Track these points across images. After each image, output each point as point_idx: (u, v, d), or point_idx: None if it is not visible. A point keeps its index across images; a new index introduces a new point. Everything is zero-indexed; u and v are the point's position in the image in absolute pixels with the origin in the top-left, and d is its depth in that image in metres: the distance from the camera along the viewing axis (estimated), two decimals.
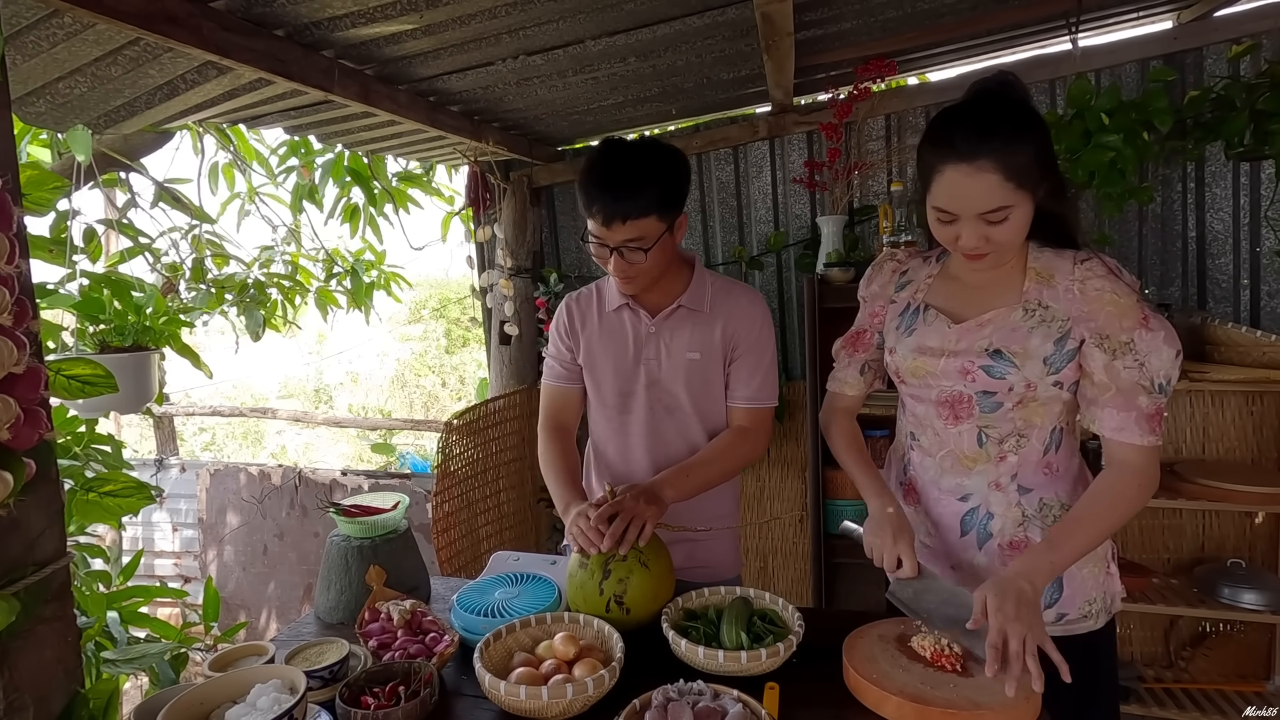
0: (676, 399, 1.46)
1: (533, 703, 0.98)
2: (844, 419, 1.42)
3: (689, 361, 1.44)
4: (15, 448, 0.83)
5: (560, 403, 1.55)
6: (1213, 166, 2.29)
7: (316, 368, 10.80)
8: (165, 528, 4.13)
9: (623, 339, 1.48)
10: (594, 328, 1.50)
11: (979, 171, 1.04)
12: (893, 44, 2.26)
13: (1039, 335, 1.13)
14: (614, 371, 1.48)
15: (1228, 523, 2.33)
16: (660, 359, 1.46)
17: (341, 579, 1.40)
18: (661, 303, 1.45)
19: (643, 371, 1.46)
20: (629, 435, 1.50)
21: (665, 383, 1.46)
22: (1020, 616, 0.99)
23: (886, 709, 1.00)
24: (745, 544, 2.99)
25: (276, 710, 0.88)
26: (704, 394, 1.47)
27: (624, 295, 1.45)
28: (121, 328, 1.85)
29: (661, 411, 1.47)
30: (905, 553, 1.16)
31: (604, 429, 1.54)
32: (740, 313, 1.45)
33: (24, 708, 0.90)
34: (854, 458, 1.35)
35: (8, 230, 0.79)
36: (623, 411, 1.49)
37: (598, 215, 1.29)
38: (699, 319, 1.45)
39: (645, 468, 1.48)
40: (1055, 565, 1.07)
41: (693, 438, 1.48)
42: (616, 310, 1.48)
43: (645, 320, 1.46)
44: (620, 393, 1.49)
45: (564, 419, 1.55)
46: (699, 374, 1.45)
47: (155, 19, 1.32)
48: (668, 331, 1.45)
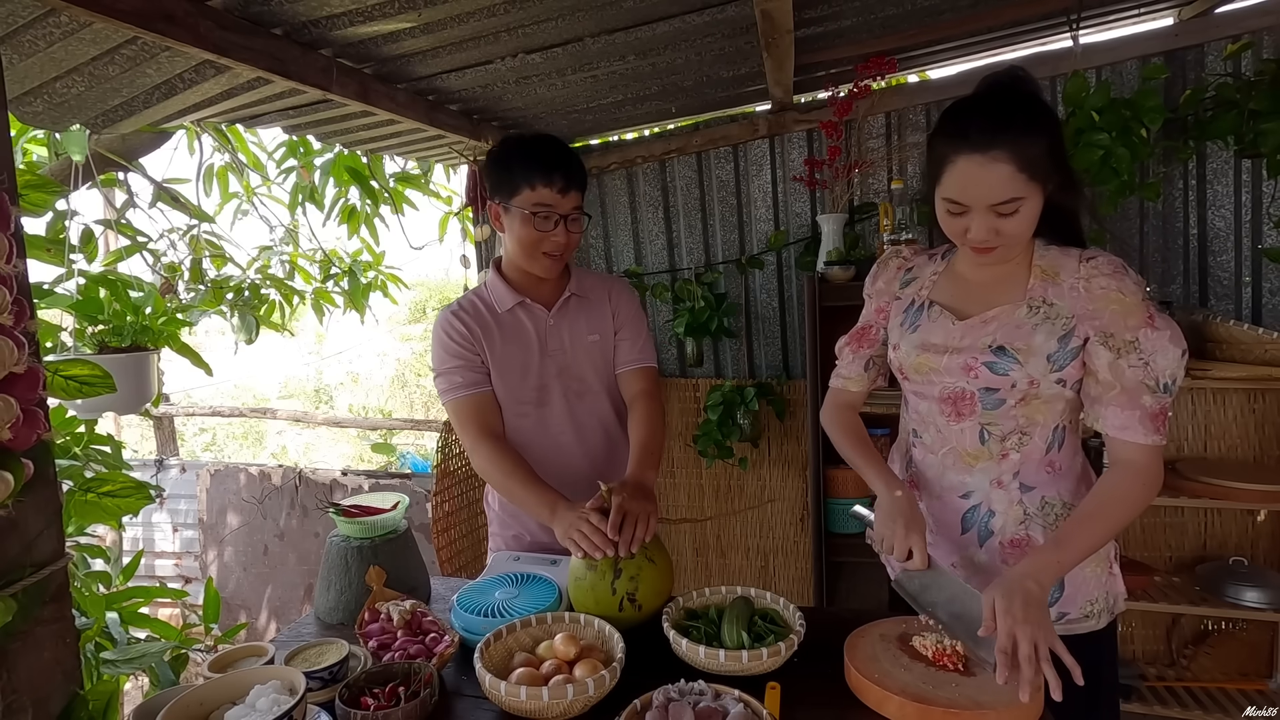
0: (586, 382, 1.57)
1: (533, 703, 0.98)
2: (846, 413, 1.42)
3: (590, 344, 1.57)
4: (14, 448, 0.83)
5: (482, 408, 1.50)
6: (1214, 164, 2.29)
7: (317, 368, 10.81)
8: (165, 528, 4.13)
9: (525, 336, 1.54)
10: (494, 330, 1.52)
11: (992, 162, 1.03)
12: (893, 41, 2.25)
13: (1043, 332, 1.12)
14: (523, 368, 1.53)
15: (1230, 521, 2.33)
16: (565, 347, 1.55)
17: (341, 579, 1.40)
18: (551, 296, 1.57)
19: (552, 363, 1.55)
20: (549, 425, 1.55)
21: (574, 368, 1.56)
22: (1029, 618, 0.97)
23: (888, 709, 1.00)
24: (746, 543, 2.99)
25: (276, 711, 0.88)
26: (607, 373, 1.61)
27: (517, 295, 1.53)
28: (120, 328, 1.85)
29: (574, 397, 1.57)
30: (917, 544, 1.15)
31: (523, 427, 1.55)
32: (617, 294, 1.62)
33: (22, 709, 0.90)
34: (858, 449, 1.34)
35: (5, 230, 0.79)
36: (540, 405, 1.55)
37: (558, 181, 1.40)
38: (588, 304, 1.59)
39: (575, 452, 1.57)
40: (1062, 564, 1.06)
41: (604, 415, 1.61)
42: (510, 311, 1.54)
43: (541, 314, 1.55)
44: (535, 387, 1.54)
45: (492, 424, 1.51)
46: (600, 354, 1.59)
47: (152, 17, 1.31)
48: (566, 320, 1.56)
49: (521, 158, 1.43)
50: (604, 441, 1.61)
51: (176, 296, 2.71)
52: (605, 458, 1.60)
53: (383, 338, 11.04)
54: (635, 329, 1.61)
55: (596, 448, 1.60)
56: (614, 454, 1.62)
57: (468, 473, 2.69)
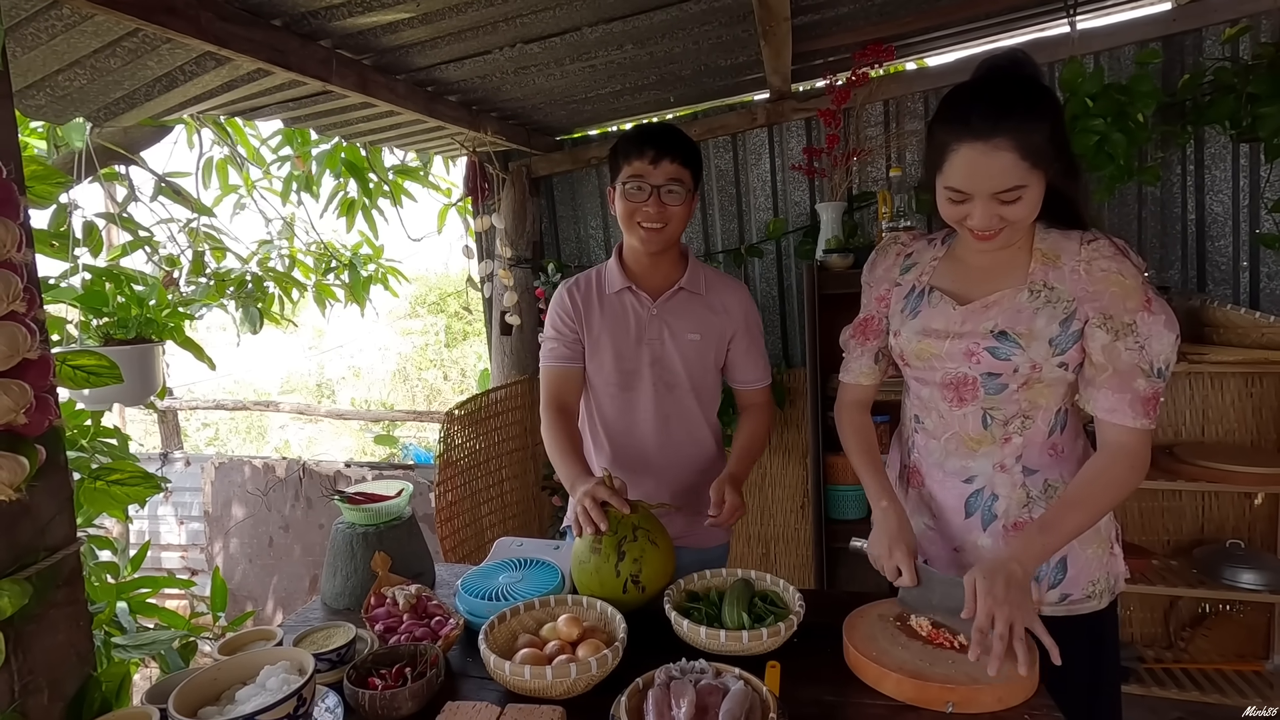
0: (677, 376, 1.57)
1: (537, 682, 1.00)
2: (857, 413, 1.40)
3: (690, 342, 1.57)
4: (27, 434, 0.85)
5: (562, 383, 1.59)
6: (1212, 148, 2.29)
7: (318, 362, 10.83)
8: (171, 521, 4.15)
9: (625, 321, 1.57)
10: (596, 310, 1.58)
11: (995, 150, 1.02)
12: (890, 29, 2.25)
13: (1044, 316, 1.12)
14: (617, 352, 1.56)
15: (1227, 504, 2.34)
16: (663, 339, 1.56)
17: (347, 565, 1.42)
18: (661, 286, 1.57)
19: (646, 351, 1.56)
20: (634, 410, 1.58)
21: (667, 361, 1.57)
22: (1009, 598, 0.99)
23: (886, 685, 1.02)
24: (748, 530, 3.01)
25: (285, 691, 0.89)
26: (701, 373, 1.59)
27: (626, 280, 1.56)
28: (125, 320, 1.86)
29: (663, 388, 1.57)
30: (903, 562, 1.16)
31: (609, 406, 1.60)
32: (737, 302, 1.61)
33: (38, 690, 0.92)
34: (861, 457, 1.34)
35: (15, 219, 0.80)
36: (626, 389, 1.58)
37: (649, 153, 1.44)
38: (697, 302, 1.58)
39: (650, 440, 1.59)
40: (1048, 547, 1.08)
41: (689, 412, 1.60)
42: (618, 293, 1.57)
43: (647, 303, 1.56)
44: (624, 371, 1.57)
45: (566, 399, 1.59)
46: (697, 354, 1.58)
47: (153, 9, 1.32)
48: (669, 314, 1.57)
49: (625, 139, 1.49)
50: (684, 437, 1.61)
51: (178, 290, 2.73)
52: (679, 453, 1.61)
53: (383, 332, 11.06)
54: (752, 340, 1.63)
55: (673, 442, 1.60)
56: (689, 451, 1.62)
57: (470, 464, 2.70)
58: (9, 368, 0.81)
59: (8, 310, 0.80)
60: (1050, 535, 1.08)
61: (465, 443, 2.68)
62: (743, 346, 1.61)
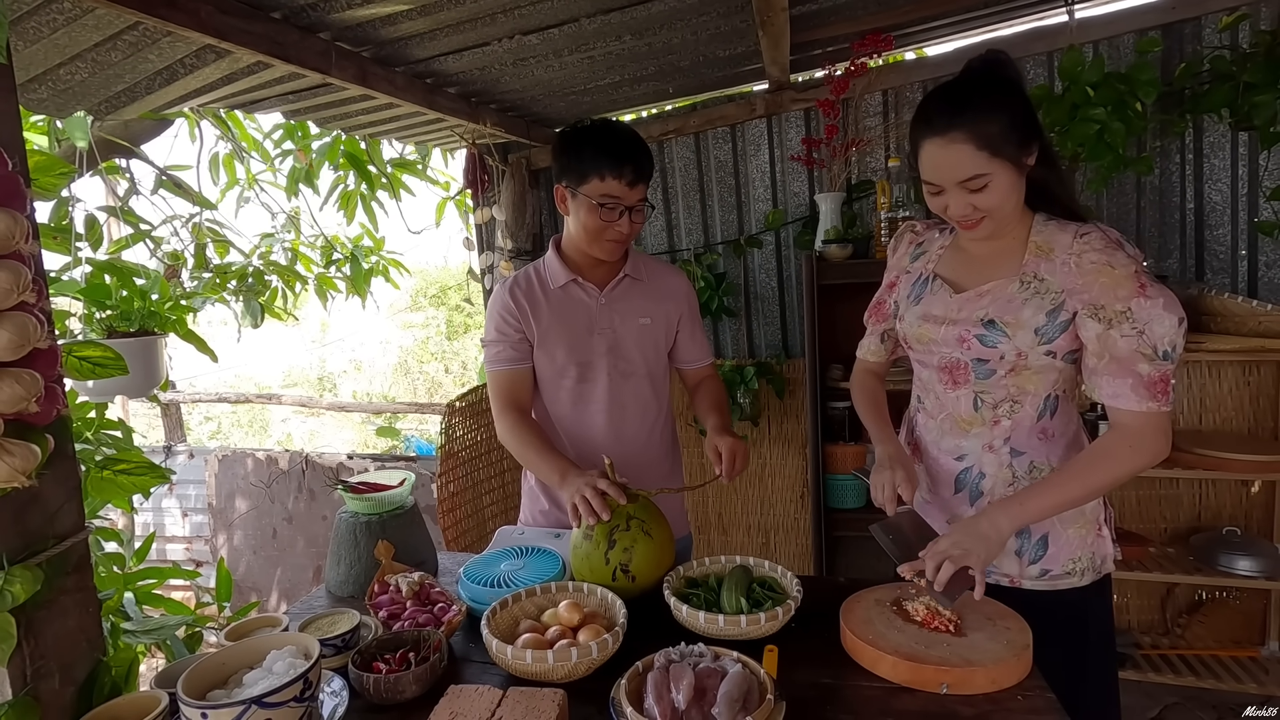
0: (633, 364, 1.59)
1: (539, 666, 1.02)
2: (869, 379, 1.50)
3: (642, 327, 1.59)
4: (37, 423, 0.86)
5: (514, 385, 1.57)
6: (1210, 137, 2.29)
7: (320, 356, 10.85)
8: (175, 513, 4.18)
9: (575, 313, 1.57)
10: (543, 306, 1.56)
11: (951, 143, 1.10)
12: (889, 18, 2.25)
13: (1031, 307, 1.16)
14: (570, 344, 1.56)
15: (1224, 491, 2.36)
16: (614, 327, 1.57)
17: (351, 554, 1.44)
18: (606, 276, 1.59)
19: (601, 340, 1.57)
20: (590, 402, 1.58)
21: (623, 349, 1.58)
22: (964, 543, 1.08)
23: (882, 668, 1.03)
24: (748, 520, 3.03)
25: (292, 674, 0.91)
26: (655, 357, 1.63)
27: (570, 273, 1.56)
28: (128, 313, 1.87)
29: (619, 377, 1.58)
30: (903, 483, 1.24)
31: (564, 399, 1.59)
32: (677, 286, 1.66)
33: (49, 674, 0.94)
34: (868, 408, 1.45)
35: (22, 211, 0.81)
36: (582, 380, 1.58)
37: (627, 174, 1.43)
38: (642, 288, 1.61)
39: (604, 431, 1.58)
40: (1025, 509, 1.13)
41: (645, 399, 1.62)
42: (563, 287, 1.57)
43: (594, 293, 1.57)
44: (579, 363, 1.57)
45: (521, 399, 1.58)
46: (650, 339, 1.61)
47: (154, 3, 1.33)
48: (618, 301, 1.58)
49: (594, 147, 1.44)
50: (639, 424, 1.62)
51: (180, 283, 2.74)
52: (635, 440, 1.61)
53: (385, 325, 11.07)
54: (695, 322, 1.69)
55: (629, 429, 1.60)
56: (644, 438, 1.63)
57: (472, 454, 2.72)
58: (20, 357, 0.82)
59: (18, 300, 0.81)
60: (1032, 498, 1.13)
61: (466, 434, 2.70)
62: (689, 329, 1.67)
